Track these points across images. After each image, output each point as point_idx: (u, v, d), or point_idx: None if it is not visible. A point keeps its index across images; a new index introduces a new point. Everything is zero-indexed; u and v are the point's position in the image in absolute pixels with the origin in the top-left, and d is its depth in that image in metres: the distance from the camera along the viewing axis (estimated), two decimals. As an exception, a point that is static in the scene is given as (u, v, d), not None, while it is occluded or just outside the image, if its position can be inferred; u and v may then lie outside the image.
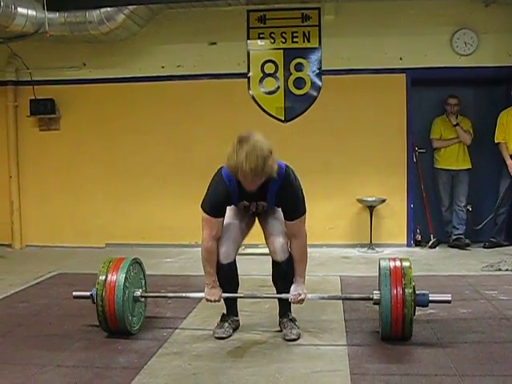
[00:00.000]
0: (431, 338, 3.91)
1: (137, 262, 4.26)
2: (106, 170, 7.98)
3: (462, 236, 7.42)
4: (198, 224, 7.68)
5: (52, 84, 7.95)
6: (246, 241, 4.33)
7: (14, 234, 8.10)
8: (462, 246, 7.35)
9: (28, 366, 3.48)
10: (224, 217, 4.02)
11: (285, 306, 4.14)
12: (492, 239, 7.44)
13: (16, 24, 6.61)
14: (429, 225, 7.62)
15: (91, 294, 4.07)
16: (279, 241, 4.01)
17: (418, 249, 7.52)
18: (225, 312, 4.18)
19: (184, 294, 4.53)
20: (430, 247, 7.50)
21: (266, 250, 4.16)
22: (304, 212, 3.94)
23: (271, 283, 4.21)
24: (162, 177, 7.85)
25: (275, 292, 4.19)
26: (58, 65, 7.92)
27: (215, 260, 4.04)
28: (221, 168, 3.91)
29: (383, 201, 7.40)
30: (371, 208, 7.40)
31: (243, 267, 4.24)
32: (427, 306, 3.89)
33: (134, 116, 7.91)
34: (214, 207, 3.97)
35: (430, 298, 3.85)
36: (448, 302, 3.95)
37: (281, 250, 4.01)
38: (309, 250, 6.03)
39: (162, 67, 7.85)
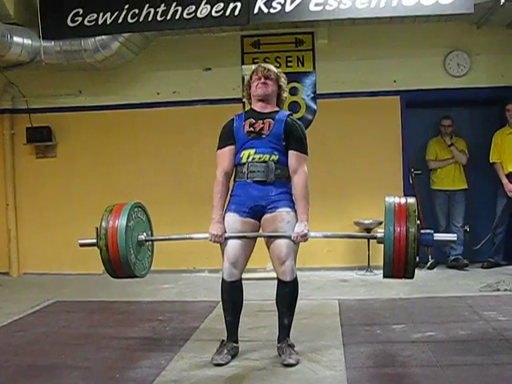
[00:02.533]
0: (430, 360, 3.89)
1: (139, 207, 4.33)
2: (102, 196, 7.95)
3: (460, 256, 7.43)
4: (196, 249, 7.73)
5: (48, 112, 7.99)
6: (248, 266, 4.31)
7: (12, 261, 8.09)
8: (460, 267, 7.34)
9: (25, 397, 3.46)
10: (234, 144, 4.16)
11: (283, 332, 4.11)
12: (490, 259, 7.44)
13: (12, 53, 6.68)
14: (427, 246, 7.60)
15: (97, 240, 4.10)
16: (289, 262, 4.01)
17: (416, 270, 7.48)
18: (224, 338, 4.15)
19: (188, 236, 4.69)
20: (429, 268, 7.49)
21: (263, 275, 4.16)
22: (306, 154, 4.25)
23: (269, 308, 4.19)
24: (159, 203, 7.82)
25: (277, 316, 4.14)
26: (54, 93, 7.97)
27: (226, 193, 4.13)
28: None
29: (380, 223, 7.38)
30: (368, 230, 7.39)
31: (245, 292, 4.22)
32: (432, 245, 3.92)
33: (129, 142, 7.93)
34: (222, 140, 4.23)
35: (435, 238, 3.79)
36: (453, 241, 4.03)
37: (290, 270, 4.01)
38: (307, 273, 6.09)
39: (158, 94, 7.90)
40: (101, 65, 7.36)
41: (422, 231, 3.73)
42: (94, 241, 4.12)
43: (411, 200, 3.82)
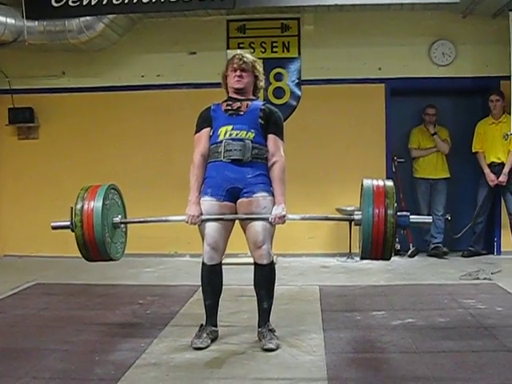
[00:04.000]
0: (409, 347, 3.91)
1: (114, 189, 4.29)
2: (84, 178, 7.82)
3: (441, 245, 7.48)
4: (178, 234, 7.73)
5: (31, 93, 7.91)
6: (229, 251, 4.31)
7: (-8, 243, 8.04)
8: (441, 255, 7.40)
9: (3, 378, 3.43)
10: (210, 127, 4.15)
11: (264, 316, 4.12)
12: (470, 248, 7.50)
13: (-6, 32, 6.61)
14: (408, 234, 7.65)
15: (71, 222, 4.05)
16: (266, 246, 4.00)
17: (397, 258, 7.52)
18: (203, 322, 4.15)
19: (164, 218, 4.57)
20: (409, 256, 7.54)
21: (245, 260, 4.16)
22: (283, 139, 4.17)
23: (250, 292, 4.20)
24: (141, 186, 7.81)
25: (256, 301, 4.16)
26: (37, 73, 7.89)
27: (202, 175, 4.12)
28: None
29: (362, 210, 7.41)
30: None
31: (226, 277, 4.22)
32: (408, 226, 3.90)
33: (113, 125, 7.89)
34: (199, 124, 4.22)
35: (411, 220, 3.79)
36: (429, 223, 4.08)
37: (267, 253, 4.01)
38: (288, 259, 6.10)
39: (142, 76, 7.86)
40: (85, 46, 7.30)
41: (399, 213, 3.73)
42: (68, 223, 4.08)
43: (389, 182, 3.86)
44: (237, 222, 4.15)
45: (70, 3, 6.63)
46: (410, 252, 7.56)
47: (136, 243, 7.73)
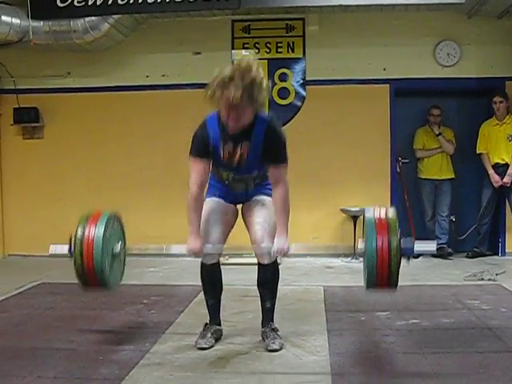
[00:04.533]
0: (413, 348, 3.91)
1: (115, 217, 4.21)
2: (89, 178, 7.96)
3: (445, 245, 7.47)
4: (183, 234, 7.66)
5: (36, 92, 7.93)
6: (230, 251, 4.31)
7: (-3, 242, 8.06)
8: (445, 256, 7.39)
9: (8, 378, 3.44)
10: (209, 159, 3.91)
11: (268, 316, 4.11)
12: (475, 249, 7.49)
13: (0, 32, 6.61)
14: (412, 235, 7.63)
15: (69, 250, 3.98)
16: (265, 245, 3.93)
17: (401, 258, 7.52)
18: (207, 321, 4.16)
19: (164, 248, 4.75)
20: (414, 257, 7.51)
21: (250, 260, 4.15)
22: (286, 161, 3.85)
23: (255, 293, 4.20)
24: (146, 186, 7.83)
25: (260, 300, 4.15)
26: (42, 73, 7.91)
27: (201, 207, 3.98)
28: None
29: (367, 211, 7.40)
30: (355, 218, 7.42)
31: (226, 277, 4.22)
32: (413, 253, 3.75)
33: (118, 125, 7.90)
34: (197, 149, 3.95)
35: (416, 248, 3.72)
36: (434, 251, 3.95)
37: (267, 253, 3.93)
38: (293, 259, 6.10)
39: (147, 76, 7.87)
40: (90, 46, 7.31)
41: (403, 240, 3.65)
42: (66, 251, 3.99)
43: (392, 213, 3.74)
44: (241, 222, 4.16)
45: (76, 3, 6.66)
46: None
47: (140, 243, 7.80)
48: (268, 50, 7.66)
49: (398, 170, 7.72)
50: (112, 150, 7.92)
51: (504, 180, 7.20)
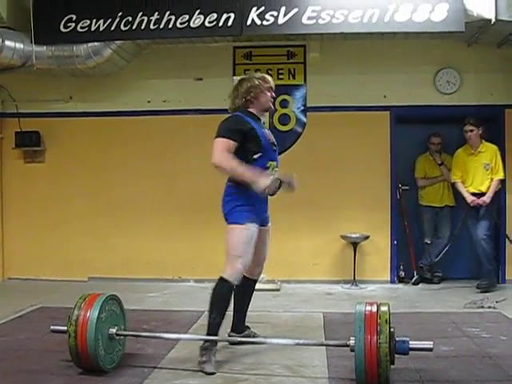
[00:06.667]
0: (413, 376, 3.90)
1: (113, 299, 4.17)
2: (89, 203, 7.96)
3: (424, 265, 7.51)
4: (182, 258, 7.74)
5: (38, 117, 7.97)
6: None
7: (-4, 266, 8.04)
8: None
9: (6, 403, 3.43)
10: (237, 144, 4.25)
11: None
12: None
13: (3, 56, 6.68)
14: (412, 261, 7.63)
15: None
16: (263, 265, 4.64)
17: (401, 285, 7.52)
18: (207, 344, 4.12)
19: (158, 334, 4.64)
20: (414, 284, 7.50)
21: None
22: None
23: (254, 319, 4.19)
24: (146, 211, 7.84)
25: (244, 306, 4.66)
26: (44, 98, 7.95)
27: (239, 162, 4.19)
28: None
29: (367, 237, 7.42)
30: (355, 244, 7.42)
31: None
32: (407, 354, 3.67)
33: (119, 150, 7.92)
34: (234, 132, 4.27)
35: (411, 346, 3.65)
36: (430, 350, 3.73)
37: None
38: (292, 286, 6.07)
39: (148, 102, 7.90)
40: (92, 71, 7.36)
41: (397, 339, 3.62)
42: (65, 328, 3.99)
43: (384, 307, 3.66)
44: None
45: (79, 29, 6.71)
46: (414, 280, 7.52)
47: (140, 268, 7.81)
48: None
49: (398, 196, 7.73)
50: (113, 174, 7.93)
51: (483, 198, 6.96)
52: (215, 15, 6.51)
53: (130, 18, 6.61)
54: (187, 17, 6.54)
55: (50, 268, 7.91)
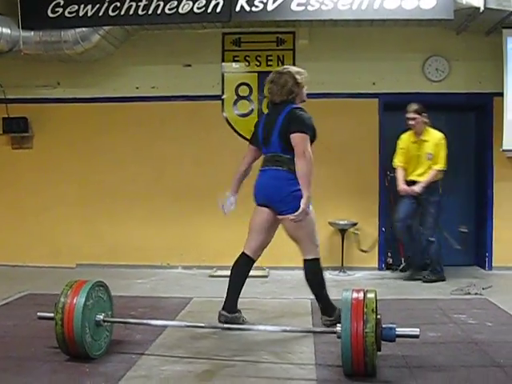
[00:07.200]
0: (400, 361, 3.92)
1: (100, 285, 4.14)
2: (78, 189, 7.94)
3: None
4: (170, 245, 7.72)
5: (25, 102, 7.92)
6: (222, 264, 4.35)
7: (-16, 253, 8.01)
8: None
9: (-6, 389, 3.43)
10: None
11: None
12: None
13: (-10, 42, 6.62)
14: (400, 248, 7.66)
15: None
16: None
17: (389, 272, 7.56)
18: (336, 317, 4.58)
19: (145, 321, 4.64)
20: (401, 271, 7.53)
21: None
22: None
23: (246, 305, 4.20)
24: (134, 197, 7.82)
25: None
26: (32, 83, 7.89)
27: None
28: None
29: (355, 224, 7.44)
30: (343, 231, 7.44)
31: (214, 289, 4.22)
32: (394, 340, 3.66)
33: (107, 136, 7.89)
34: (313, 130, 5.21)
35: (397, 333, 3.64)
36: (416, 336, 3.70)
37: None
38: (280, 272, 6.08)
39: (137, 88, 7.87)
40: (80, 57, 7.32)
41: (384, 326, 3.62)
42: (52, 315, 3.98)
43: (371, 294, 3.64)
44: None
45: (67, 14, 6.67)
46: (401, 266, 7.55)
47: (128, 254, 7.80)
48: (258, 63, 7.70)
49: (387, 183, 7.74)
50: (101, 160, 7.90)
51: (414, 188, 6.84)
52: (204, 1, 6.49)
53: (119, 4, 6.58)
54: (176, 2, 6.52)
55: (37, 255, 7.88)
